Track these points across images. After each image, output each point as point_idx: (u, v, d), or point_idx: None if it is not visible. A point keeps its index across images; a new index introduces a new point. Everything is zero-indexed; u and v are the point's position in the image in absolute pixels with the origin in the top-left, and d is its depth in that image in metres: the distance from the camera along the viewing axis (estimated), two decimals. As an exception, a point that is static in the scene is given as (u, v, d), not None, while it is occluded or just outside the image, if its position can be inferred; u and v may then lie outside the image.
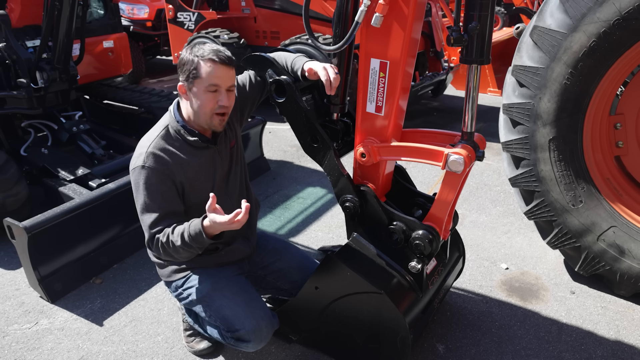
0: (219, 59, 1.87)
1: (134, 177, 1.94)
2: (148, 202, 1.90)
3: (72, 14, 3.55)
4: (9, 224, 2.71)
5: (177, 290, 2.20)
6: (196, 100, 1.92)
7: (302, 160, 4.91)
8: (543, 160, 2.59)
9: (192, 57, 1.87)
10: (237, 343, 2.09)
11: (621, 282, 2.67)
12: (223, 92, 1.91)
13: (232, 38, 6.23)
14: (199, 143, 2.01)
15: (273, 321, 2.10)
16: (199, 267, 2.16)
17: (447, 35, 1.69)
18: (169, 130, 2.00)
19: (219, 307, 2.08)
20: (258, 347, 2.07)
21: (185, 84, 1.92)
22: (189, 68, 1.88)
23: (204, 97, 1.90)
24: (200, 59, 1.86)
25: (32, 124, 4.07)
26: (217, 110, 1.92)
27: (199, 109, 1.93)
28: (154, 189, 1.90)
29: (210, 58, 1.85)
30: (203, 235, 1.78)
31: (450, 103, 7.03)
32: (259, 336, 2.03)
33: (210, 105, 1.91)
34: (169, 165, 1.93)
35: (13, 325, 2.66)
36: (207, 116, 1.94)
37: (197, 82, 1.88)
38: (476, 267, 3.08)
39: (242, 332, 2.02)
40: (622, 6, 2.17)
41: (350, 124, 2.18)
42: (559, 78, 2.41)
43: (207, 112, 1.92)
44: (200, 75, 1.86)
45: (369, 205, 2.06)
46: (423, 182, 4.37)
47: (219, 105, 1.91)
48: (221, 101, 1.91)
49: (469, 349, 2.41)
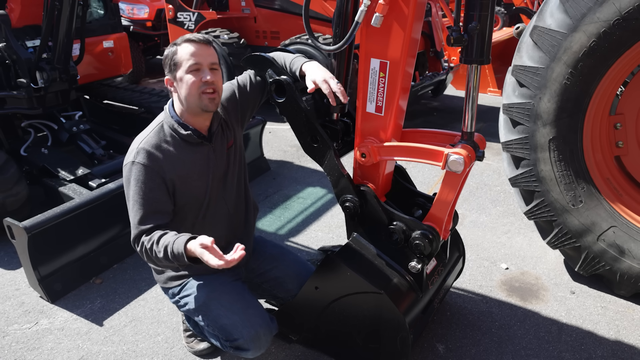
0: (195, 38, 1.91)
1: (125, 173, 1.94)
2: (136, 199, 1.89)
3: (72, 14, 3.55)
4: (9, 224, 2.71)
5: (174, 297, 2.18)
6: (182, 85, 1.90)
7: (302, 160, 4.91)
8: (543, 160, 2.59)
9: (170, 47, 1.93)
10: (237, 351, 2.09)
11: (621, 282, 2.67)
12: (205, 69, 1.89)
13: (232, 38, 6.23)
14: (193, 138, 1.97)
15: (271, 327, 2.09)
16: (194, 274, 2.13)
17: (447, 35, 1.69)
18: (162, 127, 1.98)
19: (216, 316, 2.06)
20: (258, 354, 2.07)
21: (170, 75, 1.93)
22: (170, 57, 1.91)
23: (187, 78, 1.88)
24: (177, 46, 1.91)
25: (32, 124, 4.07)
26: (203, 87, 1.88)
27: (186, 92, 1.90)
28: (142, 185, 1.88)
29: (186, 40, 1.90)
30: (184, 257, 1.75)
31: (450, 103, 7.03)
32: (258, 344, 2.02)
33: (195, 85, 1.87)
34: (159, 161, 1.90)
35: (13, 325, 2.66)
36: (195, 97, 1.89)
37: (179, 67, 1.89)
38: (476, 267, 3.08)
39: (240, 341, 2.01)
40: (622, 6, 2.17)
41: (350, 124, 2.18)
42: (559, 78, 2.41)
43: (193, 92, 1.89)
44: (179, 59, 1.88)
45: (369, 205, 2.06)
46: (423, 182, 4.37)
47: (203, 82, 1.87)
48: (204, 77, 1.88)
49: (469, 349, 2.41)
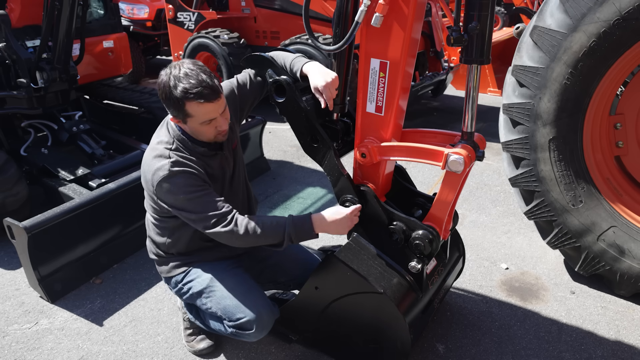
0: (204, 98, 1.80)
1: (165, 193, 1.90)
2: (193, 198, 1.89)
3: (72, 14, 3.54)
4: (9, 224, 2.71)
5: (177, 285, 2.22)
6: (194, 130, 1.96)
7: (302, 160, 4.91)
8: (543, 160, 2.59)
9: (175, 95, 1.79)
10: (239, 333, 2.10)
11: (621, 282, 2.67)
12: (219, 118, 1.92)
13: (232, 38, 6.23)
14: (208, 152, 2.05)
15: (274, 310, 2.13)
16: (198, 262, 2.19)
17: (447, 35, 1.69)
18: (178, 143, 1.99)
19: (219, 297, 2.10)
20: (260, 335, 2.09)
21: (180, 118, 1.91)
22: (177, 108, 1.85)
23: (202, 129, 1.93)
24: (185, 100, 1.80)
25: (32, 124, 4.07)
26: (216, 133, 1.97)
27: (199, 136, 1.98)
28: (191, 187, 1.90)
29: (197, 100, 1.79)
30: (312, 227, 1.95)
31: (450, 103, 7.02)
32: (261, 324, 2.05)
33: (210, 134, 1.96)
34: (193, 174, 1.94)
35: (13, 325, 2.66)
36: (210, 139, 2.00)
37: (190, 120, 1.89)
38: (476, 267, 3.08)
39: (243, 320, 2.04)
40: (622, 6, 2.17)
41: (350, 124, 2.18)
42: (559, 78, 2.41)
43: (209, 137, 1.99)
44: (190, 114, 1.86)
45: (369, 205, 2.06)
46: (423, 182, 4.37)
47: (217, 130, 1.96)
48: (220, 127, 1.95)
49: (469, 349, 2.41)
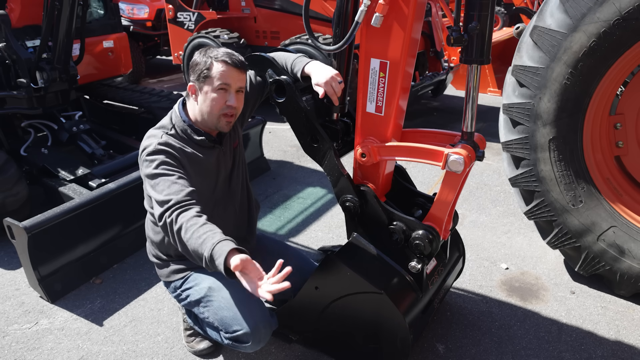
0: (232, 61, 1.92)
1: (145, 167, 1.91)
2: (162, 174, 1.86)
3: (72, 14, 3.54)
4: (9, 224, 2.71)
5: (176, 291, 2.21)
6: (205, 100, 1.95)
7: (302, 160, 4.91)
8: (543, 160, 2.59)
9: (205, 58, 1.92)
10: (236, 344, 2.09)
11: (621, 282, 2.67)
12: (232, 92, 1.95)
13: (232, 38, 6.23)
14: (206, 142, 2.04)
15: (271, 322, 2.10)
16: (197, 268, 2.17)
17: (447, 35, 1.69)
18: (175, 129, 2.02)
19: (217, 308, 2.08)
20: (257, 347, 2.07)
21: (196, 83, 1.95)
22: (201, 68, 1.92)
23: (212, 95, 1.93)
24: (213, 60, 1.91)
25: (32, 124, 4.06)
26: (225, 110, 1.96)
27: (207, 109, 1.96)
28: (167, 165, 1.89)
29: (224, 60, 1.91)
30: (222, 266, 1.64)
31: (450, 103, 7.02)
32: (257, 337, 2.03)
33: (219, 105, 1.94)
34: (177, 151, 1.95)
35: (13, 325, 2.66)
36: (215, 116, 1.97)
37: (208, 81, 1.92)
38: (476, 267, 3.08)
39: (240, 333, 2.02)
40: (622, 6, 2.17)
41: (350, 124, 2.18)
42: (559, 78, 2.41)
43: (215, 111, 1.96)
44: (211, 74, 1.91)
45: (369, 205, 2.06)
46: (423, 182, 4.37)
47: (227, 105, 1.95)
48: (229, 101, 1.95)
49: (469, 349, 2.41)
